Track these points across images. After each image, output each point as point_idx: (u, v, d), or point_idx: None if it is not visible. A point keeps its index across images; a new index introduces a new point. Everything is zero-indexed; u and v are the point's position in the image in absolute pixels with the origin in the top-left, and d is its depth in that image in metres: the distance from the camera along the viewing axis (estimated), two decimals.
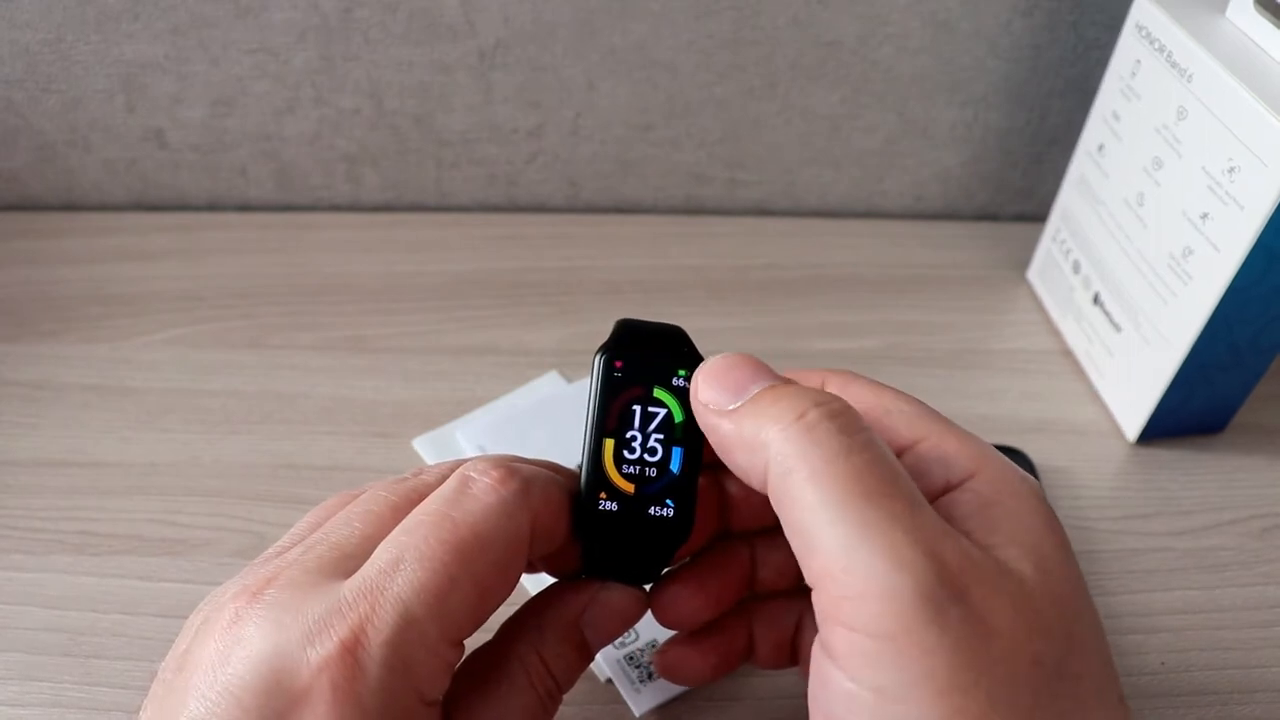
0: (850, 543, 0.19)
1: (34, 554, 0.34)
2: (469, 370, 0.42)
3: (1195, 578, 0.36)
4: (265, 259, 0.48)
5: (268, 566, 0.23)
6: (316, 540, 0.23)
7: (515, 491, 0.23)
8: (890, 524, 0.19)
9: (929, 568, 0.19)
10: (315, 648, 0.20)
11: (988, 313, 0.47)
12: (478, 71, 0.47)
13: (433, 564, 0.22)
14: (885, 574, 0.19)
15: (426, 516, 0.23)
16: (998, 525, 0.21)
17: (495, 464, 0.24)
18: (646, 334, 0.26)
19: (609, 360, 0.25)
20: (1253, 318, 0.36)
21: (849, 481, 0.20)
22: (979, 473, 0.22)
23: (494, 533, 0.23)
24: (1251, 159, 0.33)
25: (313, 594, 0.21)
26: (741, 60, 0.47)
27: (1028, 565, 0.20)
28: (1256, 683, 0.32)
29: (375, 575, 0.21)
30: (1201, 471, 0.40)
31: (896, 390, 0.25)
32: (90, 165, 0.49)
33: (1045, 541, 0.21)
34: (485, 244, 0.49)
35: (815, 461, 0.20)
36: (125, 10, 0.44)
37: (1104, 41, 0.47)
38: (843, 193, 0.53)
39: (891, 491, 0.20)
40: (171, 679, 0.22)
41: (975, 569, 0.19)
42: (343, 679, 0.20)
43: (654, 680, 0.31)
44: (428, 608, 0.21)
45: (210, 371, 0.42)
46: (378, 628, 0.21)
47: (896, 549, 0.19)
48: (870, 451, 0.20)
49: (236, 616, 0.21)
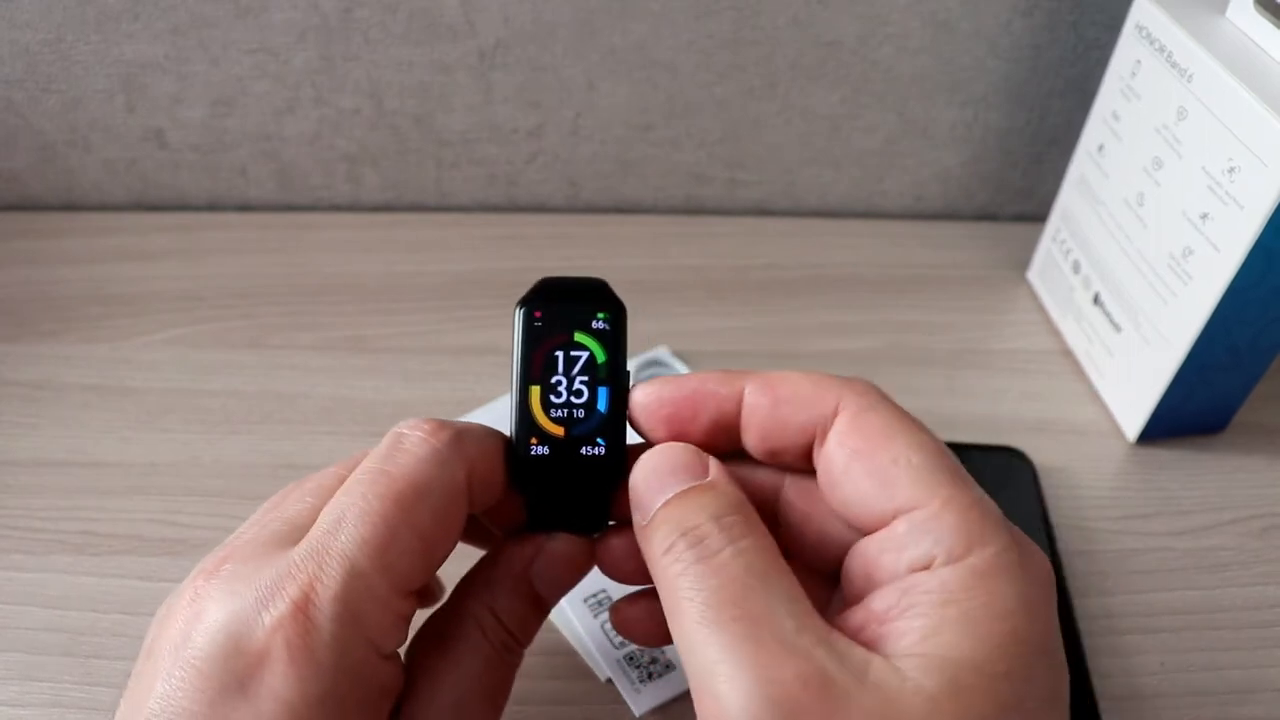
0: (704, 668, 0.20)
1: (34, 554, 0.35)
2: (469, 370, 0.42)
3: (1195, 578, 0.36)
4: (265, 259, 0.48)
5: (224, 548, 0.23)
6: (270, 519, 0.24)
7: (447, 441, 0.24)
8: (732, 648, 0.20)
9: (763, 693, 0.19)
10: (269, 610, 0.21)
11: (988, 313, 0.47)
12: (478, 71, 0.47)
13: (372, 518, 0.22)
14: (726, 702, 0.19)
15: (364, 474, 0.23)
16: (936, 626, 0.20)
17: (426, 419, 0.25)
18: (567, 287, 0.27)
19: (529, 311, 0.26)
20: (1253, 318, 0.36)
21: (700, 609, 0.20)
22: (962, 559, 0.21)
23: (430, 482, 0.23)
24: (1251, 159, 0.33)
25: (265, 563, 0.22)
26: (741, 60, 0.48)
27: (932, 679, 0.19)
28: (1256, 683, 0.32)
29: (320, 536, 0.22)
30: (1201, 471, 0.40)
31: (914, 432, 0.23)
32: (90, 165, 0.49)
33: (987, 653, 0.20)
34: (485, 244, 0.49)
35: (677, 594, 0.21)
36: (125, 10, 0.44)
37: (1104, 41, 0.47)
38: (843, 193, 0.53)
39: (738, 615, 0.20)
40: (140, 669, 0.22)
41: (822, 690, 0.19)
42: (296, 636, 0.21)
43: (654, 680, 0.31)
44: (372, 560, 0.22)
45: (210, 371, 0.42)
46: (325, 584, 0.21)
47: (735, 677, 0.19)
48: (725, 573, 0.21)
49: (195, 595, 0.22)
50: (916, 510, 0.22)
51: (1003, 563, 0.21)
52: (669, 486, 0.23)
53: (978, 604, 0.20)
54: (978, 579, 0.20)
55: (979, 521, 0.21)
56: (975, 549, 0.21)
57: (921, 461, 0.22)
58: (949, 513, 0.21)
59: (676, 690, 0.31)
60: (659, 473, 0.23)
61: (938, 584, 0.21)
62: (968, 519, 0.21)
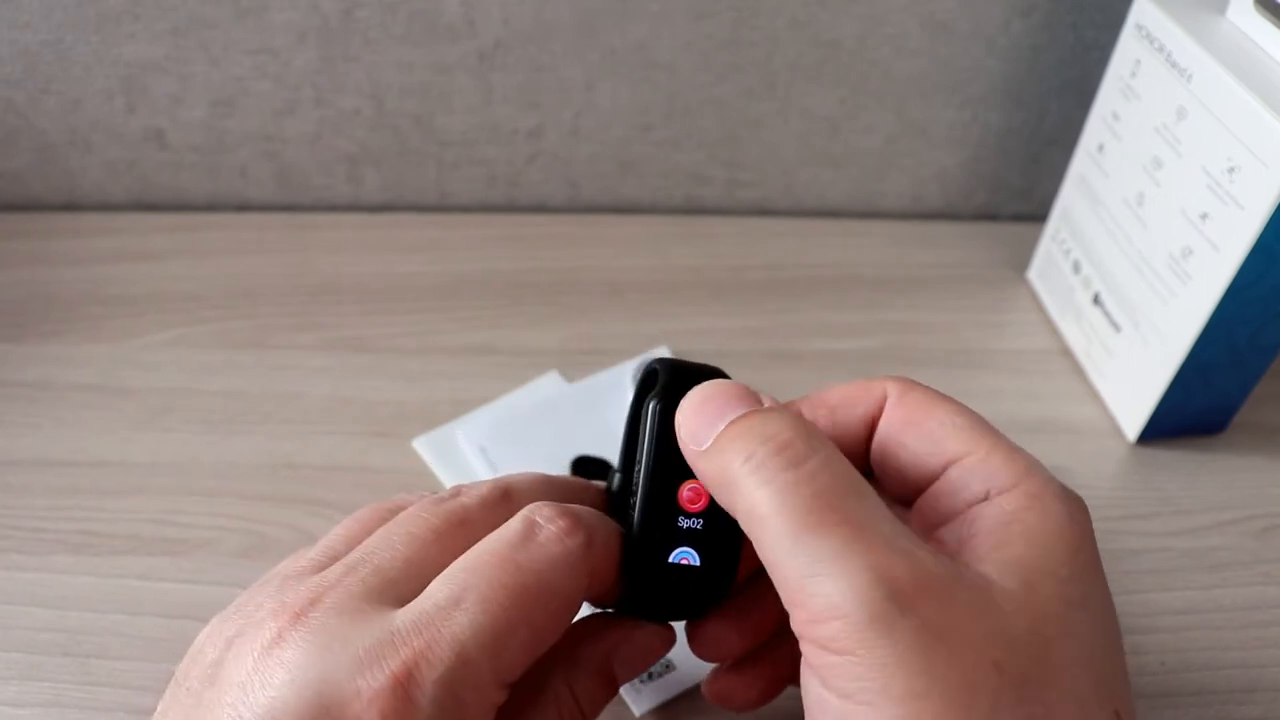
0: (805, 573, 0.20)
1: (34, 554, 0.35)
2: (469, 370, 0.42)
3: (1195, 578, 0.36)
4: (266, 259, 0.48)
5: (306, 584, 0.23)
6: (358, 562, 0.23)
7: (580, 544, 0.24)
8: (839, 551, 0.20)
9: (878, 588, 0.20)
10: (366, 679, 0.20)
11: (987, 313, 0.47)
12: (478, 72, 0.47)
13: (494, 607, 0.22)
14: (840, 597, 0.20)
15: (491, 557, 0.23)
16: (1002, 540, 0.22)
17: (561, 512, 0.24)
18: (689, 376, 0.25)
19: (665, 407, 0.25)
20: (1253, 318, 0.36)
21: (798, 516, 0.21)
22: (1015, 487, 0.23)
23: (556, 584, 0.23)
24: (1251, 159, 0.33)
25: (361, 621, 0.21)
26: (741, 61, 0.48)
27: (1012, 578, 0.21)
28: (1256, 683, 0.32)
29: (433, 610, 0.21)
30: (1201, 471, 0.40)
31: (953, 402, 0.25)
32: (91, 166, 0.49)
33: (1049, 560, 0.22)
34: (485, 244, 0.49)
35: (766, 504, 0.21)
36: (125, 11, 0.44)
37: (1103, 42, 0.48)
38: (842, 193, 0.53)
39: (840, 519, 0.21)
40: (200, 690, 0.21)
41: (927, 583, 0.20)
42: (393, 712, 0.20)
43: (654, 680, 0.31)
44: (484, 650, 0.21)
45: (211, 371, 0.42)
46: (432, 664, 0.21)
47: (847, 574, 0.20)
48: (818, 480, 0.21)
49: (279, 637, 0.21)
50: (967, 457, 0.24)
51: (1051, 489, 0.23)
52: (730, 409, 0.23)
53: (1034, 519, 0.22)
54: (1032, 499, 0.23)
55: (1023, 460, 0.24)
56: (1023, 481, 0.23)
57: (964, 422, 0.25)
58: (996, 455, 0.24)
59: (676, 690, 0.31)
60: (715, 399, 0.23)
61: (996, 510, 0.23)
62: (1013, 458, 0.24)
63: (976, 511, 0.23)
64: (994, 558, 0.22)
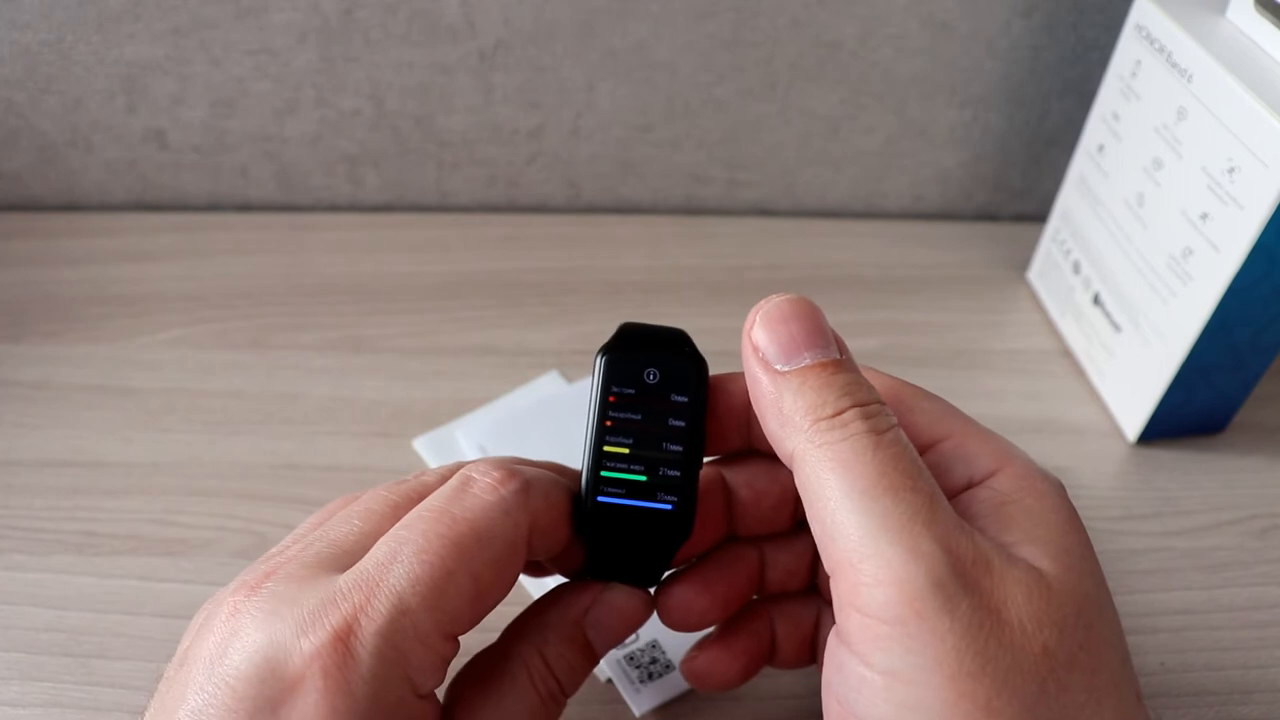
0: (870, 533, 0.20)
1: (34, 554, 0.35)
2: (469, 370, 0.42)
3: (1195, 578, 0.36)
4: (266, 259, 0.48)
5: (267, 563, 0.23)
6: (316, 538, 0.24)
7: (515, 491, 0.24)
8: (910, 517, 0.20)
9: (944, 559, 0.20)
10: (309, 637, 0.21)
11: (988, 313, 0.47)
12: (478, 72, 0.47)
13: (429, 557, 0.22)
14: (902, 563, 0.20)
15: (427, 512, 0.23)
16: (1015, 522, 0.22)
17: (496, 464, 0.24)
18: (648, 335, 0.26)
19: (609, 359, 0.26)
20: (1253, 318, 0.36)
21: (874, 476, 0.21)
22: (1000, 471, 0.23)
23: (492, 530, 0.23)
24: (1251, 159, 0.33)
25: (309, 586, 0.22)
26: (741, 61, 0.48)
27: (1047, 561, 0.21)
28: (1256, 683, 0.32)
29: (372, 567, 0.22)
30: (1201, 471, 0.40)
31: (921, 388, 0.25)
32: (92, 166, 0.49)
33: (1065, 538, 0.22)
34: (485, 244, 0.49)
35: (845, 455, 0.21)
36: (126, 11, 0.44)
37: (1103, 42, 0.48)
38: (842, 193, 0.53)
39: (913, 486, 0.21)
40: (173, 674, 0.22)
41: (988, 562, 0.20)
42: (334, 666, 0.20)
43: (654, 680, 0.31)
44: (422, 599, 0.21)
45: (211, 371, 0.42)
46: (371, 617, 0.21)
47: (914, 540, 0.20)
48: (896, 448, 0.21)
49: (235, 610, 0.22)
50: (943, 442, 0.24)
51: (1035, 470, 0.23)
52: (816, 344, 0.23)
53: (1033, 502, 0.22)
54: (1022, 480, 0.23)
55: (997, 442, 0.24)
56: (1007, 464, 0.23)
57: (930, 407, 0.25)
58: (969, 440, 0.24)
59: (676, 690, 0.31)
60: (802, 320, 0.23)
61: (988, 494, 0.23)
62: (988, 440, 0.24)
63: (969, 496, 0.23)
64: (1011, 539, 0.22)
